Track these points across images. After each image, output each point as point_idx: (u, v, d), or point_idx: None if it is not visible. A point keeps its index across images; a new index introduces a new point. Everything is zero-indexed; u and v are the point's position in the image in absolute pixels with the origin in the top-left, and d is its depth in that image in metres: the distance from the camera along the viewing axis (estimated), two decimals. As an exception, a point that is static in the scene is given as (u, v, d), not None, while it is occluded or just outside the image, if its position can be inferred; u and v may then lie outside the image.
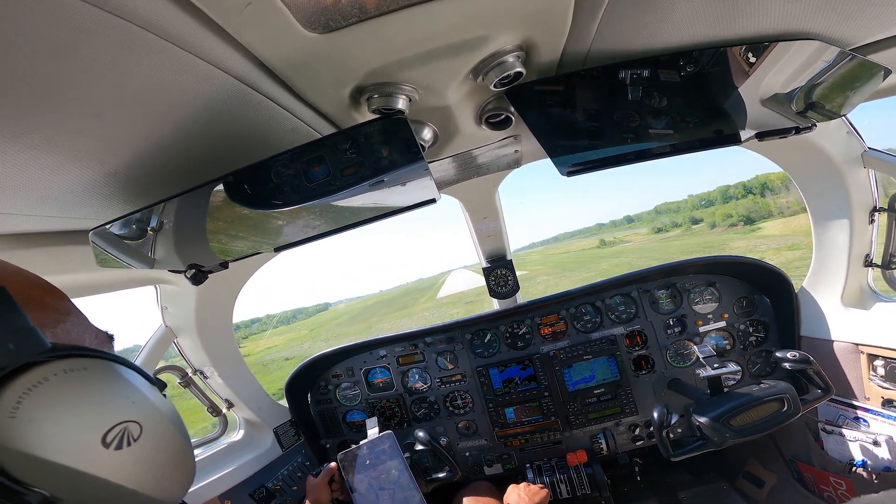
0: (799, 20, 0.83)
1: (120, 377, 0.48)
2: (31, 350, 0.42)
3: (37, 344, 0.43)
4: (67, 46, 0.55)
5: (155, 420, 0.49)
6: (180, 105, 0.76)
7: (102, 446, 0.43)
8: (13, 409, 0.39)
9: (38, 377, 0.41)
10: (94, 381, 0.45)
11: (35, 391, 0.40)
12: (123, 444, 0.45)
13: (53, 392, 0.41)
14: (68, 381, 0.43)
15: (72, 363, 0.44)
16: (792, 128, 1.15)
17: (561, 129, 1.20)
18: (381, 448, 1.86)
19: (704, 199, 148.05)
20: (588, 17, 0.79)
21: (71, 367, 0.44)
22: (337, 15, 0.64)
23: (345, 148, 0.97)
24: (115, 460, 0.43)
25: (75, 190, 0.92)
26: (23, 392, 0.39)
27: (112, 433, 0.44)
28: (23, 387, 0.40)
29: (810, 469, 2.03)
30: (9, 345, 0.40)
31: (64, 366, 0.43)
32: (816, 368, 1.67)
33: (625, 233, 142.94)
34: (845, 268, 1.89)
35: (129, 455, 0.45)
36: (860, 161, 1.73)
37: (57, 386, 0.42)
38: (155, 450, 0.48)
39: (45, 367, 0.42)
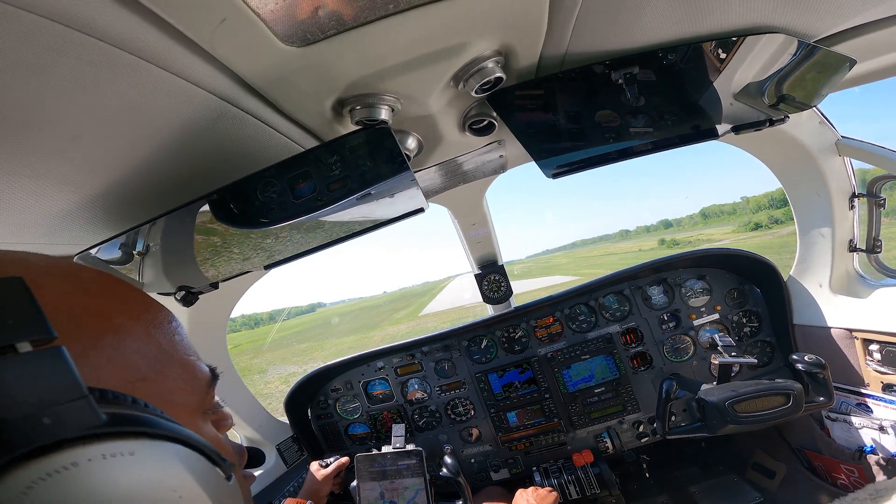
0: (760, 14, 0.86)
1: (172, 463, 0.38)
2: (70, 426, 0.33)
3: (84, 418, 0.34)
4: (37, 67, 0.54)
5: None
6: (159, 124, 0.75)
7: None
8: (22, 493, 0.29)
9: (66, 461, 0.31)
10: (136, 469, 0.35)
11: (53, 478, 0.31)
12: None
13: (77, 483, 0.31)
14: (102, 469, 0.33)
15: (118, 446, 0.34)
16: (765, 120, 1.18)
17: (544, 132, 1.21)
18: (405, 462, 1.80)
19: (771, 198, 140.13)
20: (563, 20, 0.81)
21: (114, 451, 0.34)
22: (314, 27, 0.64)
23: (330, 161, 0.97)
24: None
25: (55, 214, 0.90)
26: (39, 477, 0.30)
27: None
28: (42, 471, 0.30)
29: (820, 458, 2.03)
30: (43, 419, 0.31)
31: (105, 449, 0.33)
32: (827, 375, 1.68)
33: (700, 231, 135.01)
34: (830, 254, 1.92)
35: None
36: (835, 149, 1.77)
37: (84, 475, 0.32)
38: None
39: (82, 449, 0.32)
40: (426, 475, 1.77)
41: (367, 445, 2.61)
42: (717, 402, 1.67)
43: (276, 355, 36.35)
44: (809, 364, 1.70)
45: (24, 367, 0.32)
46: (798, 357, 1.73)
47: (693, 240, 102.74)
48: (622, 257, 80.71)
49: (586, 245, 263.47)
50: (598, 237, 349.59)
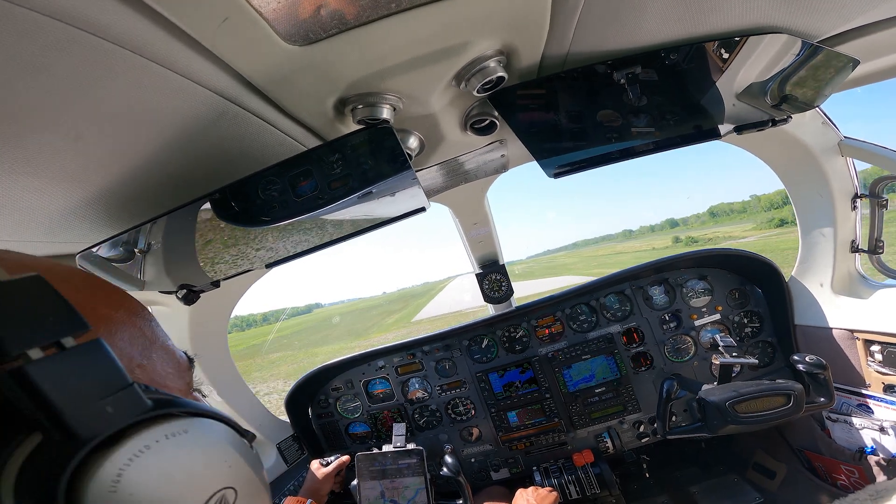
0: (762, 14, 0.86)
1: (217, 437, 0.44)
2: (130, 412, 0.37)
3: (136, 404, 0.38)
4: (41, 65, 0.54)
5: (247, 482, 0.44)
6: (161, 122, 0.76)
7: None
8: (114, 482, 0.33)
9: (140, 444, 0.36)
10: (194, 445, 0.40)
11: (137, 461, 0.35)
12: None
13: (156, 461, 0.36)
14: (170, 447, 0.38)
15: (174, 426, 0.39)
16: (768, 120, 1.18)
17: (545, 132, 1.21)
18: (406, 462, 1.80)
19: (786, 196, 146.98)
20: (565, 20, 0.81)
21: (172, 431, 0.38)
22: (317, 27, 0.64)
23: (331, 160, 0.97)
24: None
25: (57, 213, 0.90)
26: (125, 462, 0.34)
27: (211, 502, 0.39)
28: (125, 456, 0.35)
29: (820, 458, 2.02)
30: (107, 408, 0.35)
31: (165, 430, 0.38)
32: (828, 376, 1.68)
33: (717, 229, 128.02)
34: (832, 255, 1.91)
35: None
36: (837, 150, 1.76)
37: (159, 454, 0.37)
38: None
39: (148, 432, 0.37)
40: (427, 474, 1.77)
41: (367, 444, 2.61)
42: (717, 402, 1.66)
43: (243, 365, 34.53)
44: (810, 364, 1.69)
45: (75, 361, 0.35)
46: (799, 358, 1.73)
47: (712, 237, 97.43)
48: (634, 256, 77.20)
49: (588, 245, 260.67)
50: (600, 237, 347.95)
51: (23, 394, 0.32)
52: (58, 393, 0.32)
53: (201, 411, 0.44)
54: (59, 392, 0.33)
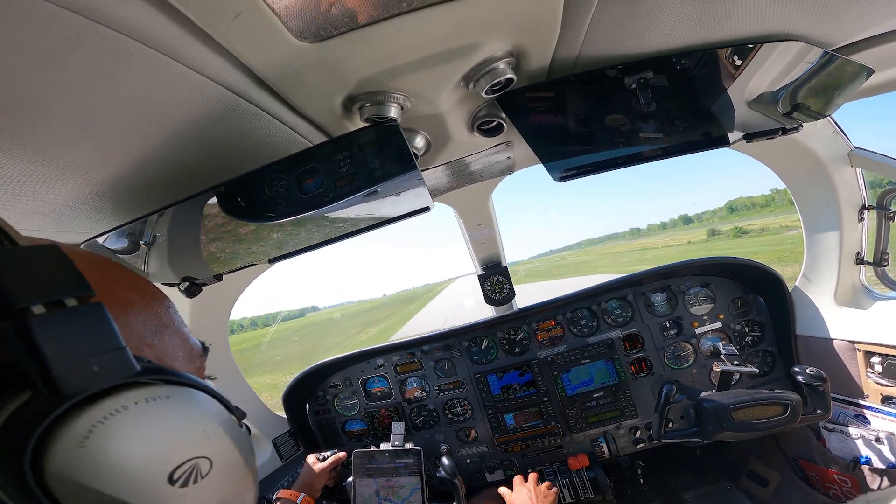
0: (780, 22, 0.85)
1: (200, 407, 0.45)
2: (116, 373, 0.38)
3: (124, 367, 0.40)
4: (55, 57, 0.54)
5: (226, 455, 0.45)
6: (170, 115, 0.76)
7: (168, 483, 0.39)
8: (83, 437, 0.35)
9: (117, 404, 0.37)
10: (173, 410, 0.41)
11: (111, 420, 0.36)
12: (189, 482, 0.41)
13: (130, 422, 0.38)
14: (147, 410, 0.39)
15: (155, 390, 0.40)
16: (778, 128, 1.17)
17: (552, 135, 1.21)
18: (403, 461, 1.79)
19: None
20: (577, 23, 0.80)
21: (153, 395, 0.40)
22: (328, 24, 0.64)
23: (338, 158, 0.97)
24: (177, 499, 0.40)
25: (64, 203, 0.91)
26: (98, 419, 0.36)
27: (180, 469, 0.40)
28: (99, 414, 0.36)
29: (814, 467, 2.02)
30: (93, 367, 0.37)
31: (147, 393, 0.40)
32: (826, 389, 1.69)
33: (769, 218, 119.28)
34: (837, 266, 1.90)
35: (192, 493, 0.41)
36: (847, 160, 1.75)
37: (134, 415, 0.38)
38: (220, 488, 0.44)
39: (128, 393, 0.38)
40: (423, 475, 1.77)
41: (363, 442, 2.62)
42: (714, 407, 1.67)
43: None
44: (810, 377, 1.70)
45: (73, 320, 0.37)
46: (800, 369, 1.73)
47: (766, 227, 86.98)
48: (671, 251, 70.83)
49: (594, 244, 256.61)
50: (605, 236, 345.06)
51: (20, 345, 0.34)
52: (51, 347, 0.34)
53: (190, 382, 0.45)
54: (52, 346, 0.35)
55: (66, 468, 0.34)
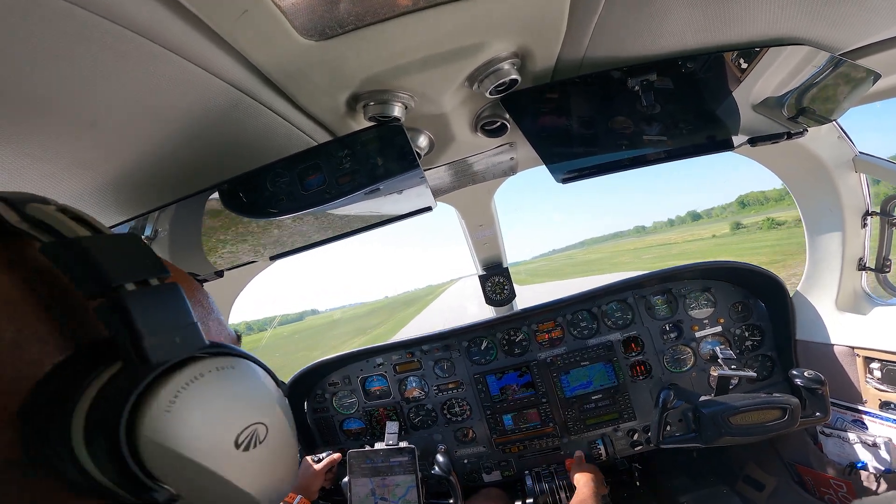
0: (788, 26, 0.85)
1: (258, 377, 0.49)
2: (193, 345, 0.43)
3: (198, 339, 0.44)
4: (61, 52, 0.54)
5: (278, 423, 0.49)
6: (175, 112, 0.76)
7: (234, 447, 0.42)
8: (170, 402, 0.38)
9: (196, 372, 0.41)
10: (238, 380, 0.45)
11: (191, 386, 0.40)
12: (251, 446, 0.44)
13: (206, 388, 0.41)
14: (219, 378, 0.43)
15: (223, 361, 0.44)
16: (783, 133, 1.17)
17: (556, 136, 1.21)
18: (397, 460, 1.80)
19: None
20: (582, 24, 0.80)
21: (222, 365, 0.44)
22: (333, 22, 0.64)
23: (341, 156, 0.97)
24: (240, 462, 0.43)
25: (68, 198, 0.90)
26: (181, 386, 0.39)
27: (244, 434, 0.43)
28: (182, 381, 0.40)
29: (810, 472, 2.02)
30: (175, 338, 0.41)
31: (217, 363, 0.43)
32: (825, 392, 1.69)
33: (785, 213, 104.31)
34: (839, 272, 1.90)
35: (252, 457, 0.44)
36: (851, 165, 1.75)
37: (210, 382, 0.42)
38: (273, 454, 0.47)
39: (204, 362, 0.42)
40: (418, 473, 1.77)
41: (361, 441, 2.61)
42: (712, 412, 1.67)
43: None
44: (808, 380, 1.70)
45: (158, 297, 0.42)
46: (798, 372, 1.73)
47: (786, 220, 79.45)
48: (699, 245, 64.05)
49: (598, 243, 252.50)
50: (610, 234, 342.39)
51: (117, 318, 0.38)
52: (142, 320, 0.39)
53: (249, 355, 0.50)
54: (143, 320, 0.39)
55: (156, 432, 0.37)
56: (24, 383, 0.37)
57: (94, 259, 0.39)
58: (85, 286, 0.39)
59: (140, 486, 0.37)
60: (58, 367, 0.39)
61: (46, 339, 0.39)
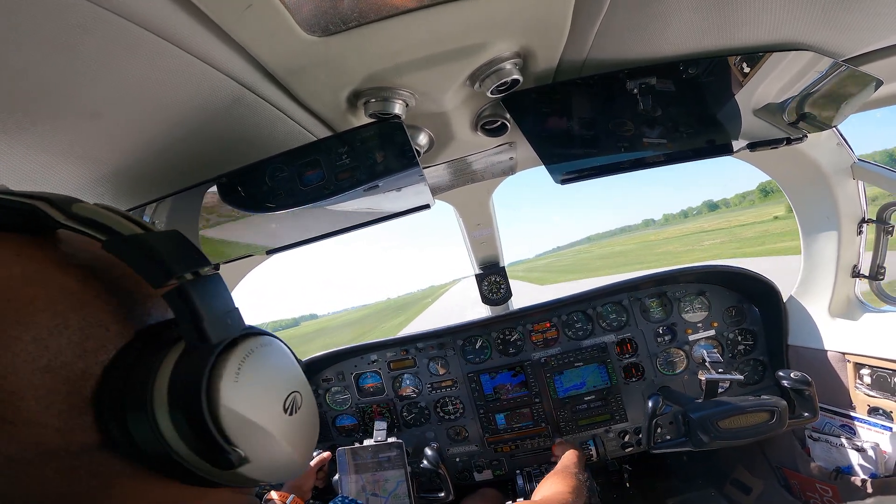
0: (790, 31, 0.85)
1: (287, 353, 0.55)
2: (239, 326, 0.48)
3: (241, 322, 0.49)
4: (65, 44, 0.54)
5: (307, 392, 0.55)
6: (176, 105, 0.75)
7: (283, 411, 0.49)
8: (236, 374, 0.44)
9: (248, 349, 0.47)
10: (277, 355, 0.51)
11: (248, 360, 0.46)
12: (293, 411, 0.50)
13: (258, 362, 0.47)
14: (265, 353, 0.49)
15: (262, 340, 0.50)
16: (783, 138, 1.17)
17: (556, 137, 1.21)
18: (386, 455, 1.81)
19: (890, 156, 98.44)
20: (586, 25, 0.80)
21: (262, 343, 0.50)
22: (337, 18, 0.64)
23: (340, 152, 0.97)
24: (288, 424, 0.49)
25: (67, 189, 0.90)
26: (241, 360, 0.45)
27: (288, 400, 0.50)
28: (241, 356, 0.45)
29: (796, 476, 2.04)
30: (227, 320, 0.46)
31: (259, 341, 0.49)
32: (812, 392, 1.70)
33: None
34: (833, 278, 1.92)
35: (295, 420, 0.50)
36: (849, 172, 1.75)
37: (260, 357, 0.48)
38: (307, 418, 0.54)
39: (250, 340, 0.48)
40: (407, 467, 1.78)
41: (353, 437, 2.61)
42: (700, 417, 1.67)
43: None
44: (795, 381, 1.71)
45: (209, 285, 0.46)
46: (784, 374, 1.74)
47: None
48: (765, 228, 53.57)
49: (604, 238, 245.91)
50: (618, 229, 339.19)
51: (183, 304, 0.42)
52: (201, 305, 0.43)
53: (275, 336, 0.55)
54: (202, 304, 0.43)
55: (230, 400, 0.42)
56: (95, 368, 0.41)
57: (158, 253, 0.43)
58: (152, 277, 0.42)
59: (218, 450, 0.42)
60: (122, 352, 0.43)
61: (108, 326, 0.43)
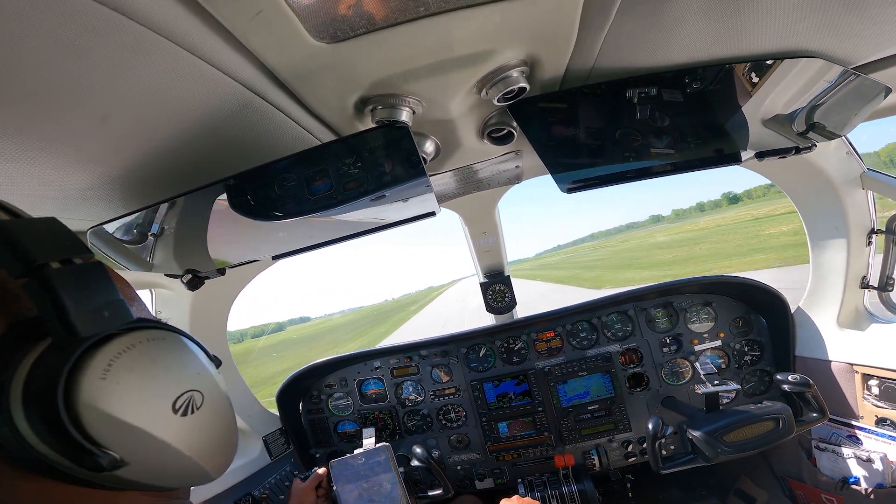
0: (799, 39, 0.85)
1: (188, 349, 0.52)
2: (121, 319, 0.45)
3: (126, 314, 0.46)
4: (80, 47, 0.55)
5: (213, 391, 0.52)
6: (185, 109, 0.76)
7: (172, 411, 0.45)
8: (104, 370, 0.41)
9: (127, 343, 0.44)
10: (170, 350, 0.49)
11: (124, 356, 0.43)
12: (188, 412, 0.47)
13: (138, 357, 0.44)
14: (151, 349, 0.46)
15: (153, 333, 0.48)
16: (792, 148, 1.16)
17: (562, 146, 1.20)
18: (375, 460, 1.83)
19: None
20: (593, 34, 0.80)
21: (152, 337, 0.47)
22: (345, 25, 0.64)
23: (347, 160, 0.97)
24: (180, 426, 0.46)
25: (74, 190, 0.91)
26: (114, 356, 0.42)
27: (181, 400, 0.47)
28: (114, 351, 0.43)
29: (802, 486, 2.01)
30: (104, 312, 0.43)
31: (147, 335, 0.47)
32: (815, 392, 1.67)
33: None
34: (842, 289, 1.89)
35: (191, 422, 0.47)
36: (859, 182, 1.74)
37: (142, 352, 0.45)
38: (211, 420, 0.50)
39: (133, 334, 0.45)
40: (397, 469, 1.80)
41: (355, 444, 2.60)
42: (704, 434, 1.64)
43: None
44: (793, 384, 1.68)
45: (83, 274, 0.43)
46: (782, 377, 1.71)
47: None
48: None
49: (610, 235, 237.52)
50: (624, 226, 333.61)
51: (43, 294, 0.40)
52: (68, 296, 0.40)
53: (177, 329, 0.53)
54: (70, 295, 0.40)
55: (93, 398, 0.40)
56: None
57: (16, 240, 0.40)
58: (10, 266, 0.40)
59: (83, 451, 0.39)
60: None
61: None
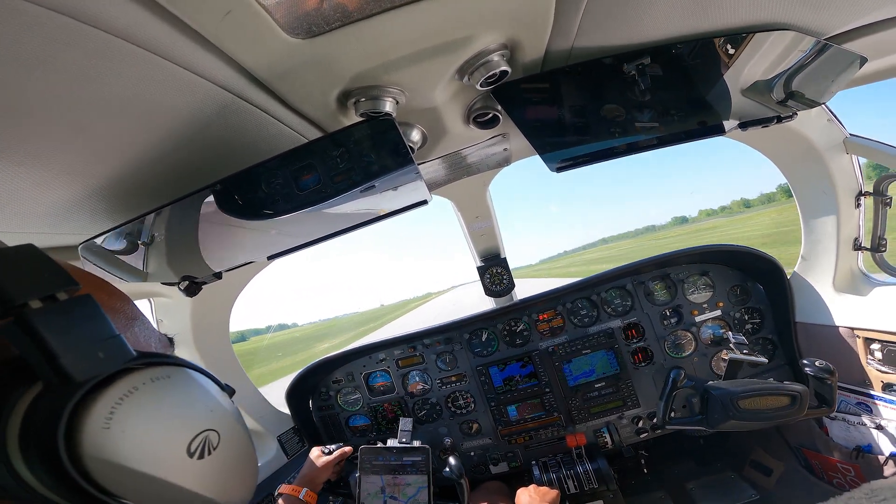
0: (772, 11, 0.85)
1: (198, 384, 0.48)
2: (119, 358, 0.41)
3: (124, 352, 0.42)
4: (43, 59, 0.54)
5: (230, 427, 0.48)
6: (164, 115, 0.76)
7: (187, 455, 0.42)
8: (107, 419, 0.38)
9: (128, 386, 0.40)
10: (177, 389, 0.45)
11: (126, 401, 0.39)
12: (205, 454, 0.44)
13: (143, 401, 0.41)
14: (155, 389, 0.42)
15: (157, 371, 0.43)
16: (773, 117, 1.17)
17: (548, 126, 1.21)
18: (412, 459, 1.77)
19: None
20: (570, 13, 0.80)
21: (157, 376, 0.43)
22: (319, 19, 0.64)
23: (334, 153, 0.97)
24: (198, 469, 0.43)
25: (60, 205, 0.91)
26: (115, 402, 0.39)
27: (195, 442, 0.43)
28: (115, 396, 0.39)
29: (817, 456, 2.03)
30: (98, 353, 0.40)
31: (150, 374, 0.42)
32: (834, 383, 1.68)
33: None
34: (835, 252, 1.91)
35: (209, 464, 0.44)
36: (843, 147, 1.75)
37: (146, 395, 0.41)
38: (230, 458, 0.47)
39: (134, 375, 0.41)
40: (431, 474, 1.75)
41: (367, 437, 2.63)
42: (722, 394, 1.66)
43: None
44: (819, 369, 1.68)
45: (69, 311, 0.39)
46: (808, 362, 1.72)
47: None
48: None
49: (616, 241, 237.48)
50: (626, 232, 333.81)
51: (26, 339, 0.36)
52: (55, 338, 0.37)
53: (183, 362, 0.48)
54: (57, 337, 0.37)
55: (99, 450, 0.37)
56: None
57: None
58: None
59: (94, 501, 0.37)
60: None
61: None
